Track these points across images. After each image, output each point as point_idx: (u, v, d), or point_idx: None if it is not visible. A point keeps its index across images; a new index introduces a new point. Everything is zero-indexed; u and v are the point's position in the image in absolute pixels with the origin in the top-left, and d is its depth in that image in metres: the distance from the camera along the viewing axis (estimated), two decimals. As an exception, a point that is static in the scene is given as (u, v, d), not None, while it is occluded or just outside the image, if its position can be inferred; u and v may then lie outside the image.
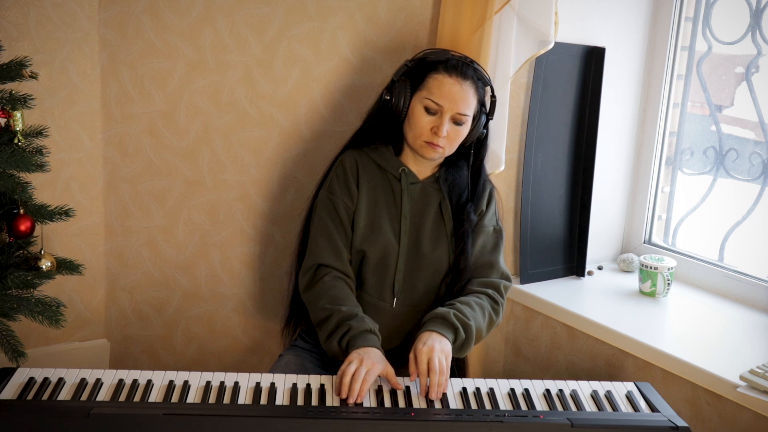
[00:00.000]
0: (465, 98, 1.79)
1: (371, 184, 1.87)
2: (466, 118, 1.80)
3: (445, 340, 1.65)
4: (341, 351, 1.69)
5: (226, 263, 2.29)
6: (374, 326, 1.70)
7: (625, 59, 2.46)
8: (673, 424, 1.50)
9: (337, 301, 1.74)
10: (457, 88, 1.78)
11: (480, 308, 1.77)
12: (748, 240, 2.35)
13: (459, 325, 1.69)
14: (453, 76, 1.78)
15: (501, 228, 1.93)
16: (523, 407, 1.57)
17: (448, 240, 1.85)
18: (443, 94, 1.77)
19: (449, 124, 1.78)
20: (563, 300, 2.29)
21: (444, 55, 1.83)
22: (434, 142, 1.79)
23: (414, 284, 1.84)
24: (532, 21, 2.11)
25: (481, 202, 1.90)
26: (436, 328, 1.67)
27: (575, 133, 2.41)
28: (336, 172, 1.89)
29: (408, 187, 1.85)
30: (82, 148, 2.09)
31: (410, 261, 1.84)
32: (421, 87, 1.81)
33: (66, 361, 2.17)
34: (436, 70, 1.80)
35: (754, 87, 2.28)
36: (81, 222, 2.13)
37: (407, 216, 1.84)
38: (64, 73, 2.01)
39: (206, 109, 2.15)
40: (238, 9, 2.09)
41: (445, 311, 1.70)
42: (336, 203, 1.85)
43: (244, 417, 1.46)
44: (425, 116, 1.79)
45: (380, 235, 1.83)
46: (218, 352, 2.37)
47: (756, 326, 2.14)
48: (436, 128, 1.78)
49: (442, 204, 1.87)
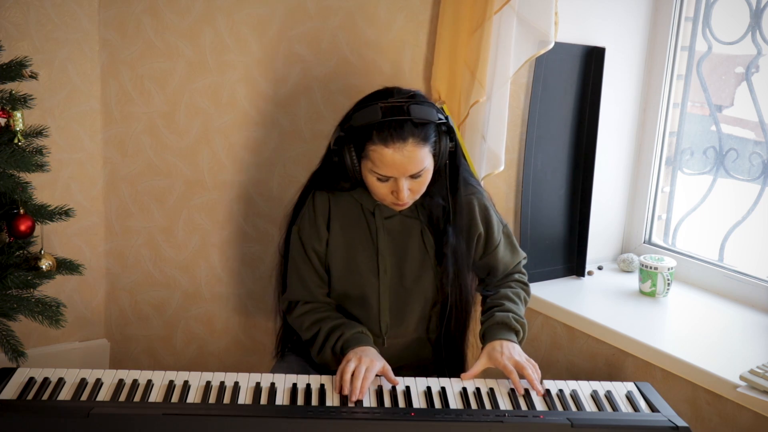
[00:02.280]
0: (412, 160, 1.60)
1: (345, 221, 1.77)
2: (422, 171, 1.64)
3: (514, 344, 1.72)
4: (335, 358, 1.69)
5: (226, 263, 2.29)
6: (364, 328, 1.72)
7: (625, 59, 2.46)
8: (673, 424, 1.50)
9: (321, 318, 1.76)
10: (399, 156, 1.58)
11: (518, 298, 1.85)
12: (748, 240, 2.34)
13: (518, 327, 1.76)
14: (390, 144, 1.58)
15: (506, 224, 1.91)
16: (523, 407, 1.57)
17: (433, 268, 1.78)
18: (386, 166, 1.60)
19: (407, 181, 1.64)
20: (563, 300, 2.29)
21: (374, 116, 1.60)
22: (398, 202, 1.67)
23: (403, 319, 1.80)
24: (532, 21, 2.11)
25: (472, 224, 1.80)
26: (503, 336, 1.73)
27: (575, 133, 2.41)
28: (307, 210, 1.79)
29: (383, 223, 1.76)
30: (82, 148, 2.09)
31: (395, 296, 1.79)
32: (364, 157, 1.63)
33: (66, 361, 2.17)
34: (372, 140, 1.59)
35: (754, 87, 2.28)
36: (81, 222, 2.13)
37: (385, 254, 1.76)
38: (64, 73, 2.01)
39: (206, 109, 2.15)
40: (238, 9, 2.09)
41: (504, 316, 1.76)
42: (304, 243, 1.78)
43: (244, 417, 1.46)
44: (380, 184, 1.65)
45: (358, 275, 1.77)
46: (218, 352, 2.37)
47: (756, 326, 2.14)
48: (395, 193, 1.65)
49: (424, 233, 1.78)
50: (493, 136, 2.19)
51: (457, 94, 2.21)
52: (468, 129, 2.21)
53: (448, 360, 1.85)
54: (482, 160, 2.21)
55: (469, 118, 2.19)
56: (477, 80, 2.12)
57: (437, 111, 1.66)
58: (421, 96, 1.68)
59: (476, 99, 2.14)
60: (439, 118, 1.64)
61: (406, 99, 1.63)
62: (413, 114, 1.60)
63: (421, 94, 1.68)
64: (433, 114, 1.63)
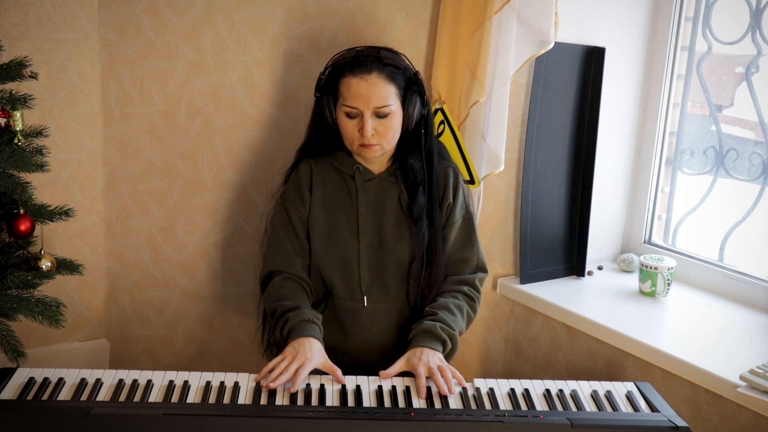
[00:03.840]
0: (375, 91, 1.75)
1: (327, 189, 1.87)
2: (387, 108, 1.77)
3: (435, 352, 1.71)
4: (283, 341, 1.72)
5: (226, 263, 2.29)
6: (314, 316, 1.74)
7: (625, 59, 2.46)
8: (673, 424, 1.50)
9: (282, 298, 1.79)
10: (364, 85, 1.74)
11: (459, 310, 1.83)
12: (748, 240, 2.34)
13: (446, 337, 1.75)
14: (357, 74, 1.75)
15: (471, 213, 1.93)
16: (523, 407, 1.57)
17: (410, 231, 1.85)
18: (353, 96, 1.76)
19: (372, 120, 1.76)
20: (563, 300, 2.29)
21: (348, 55, 1.80)
22: (365, 143, 1.78)
23: (382, 280, 1.85)
24: (532, 21, 2.11)
25: (446, 191, 1.88)
26: (426, 343, 1.72)
27: (575, 133, 2.41)
28: (291, 179, 1.90)
29: (363, 184, 1.85)
30: (82, 148, 2.09)
31: (375, 258, 1.85)
32: (338, 95, 1.80)
33: (66, 361, 2.17)
34: (343, 74, 1.77)
35: (754, 87, 2.28)
36: (81, 222, 2.13)
37: (364, 213, 1.84)
38: (64, 73, 2.01)
39: (206, 109, 2.15)
40: (238, 9, 2.09)
41: (431, 325, 1.75)
42: (289, 210, 1.87)
43: (244, 417, 1.46)
44: (349, 122, 1.79)
45: (339, 237, 1.85)
46: (218, 352, 2.37)
47: (756, 326, 2.14)
48: (361, 129, 1.77)
49: (401, 197, 1.86)
50: (493, 136, 2.18)
51: (458, 94, 2.21)
52: (468, 129, 2.21)
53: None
54: (482, 160, 2.21)
55: (469, 118, 2.19)
56: (477, 80, 2.12)
57: (409, 64, 1.83)
58: (393, 50, 1.84)
59: (476, 99, 2.14)
60: (406, 67, 1.81)
61: (379, 48, 1.81)
62: (382, 55, 1.78)
63: (393, 49, 1.85)
64: (401, 61, 1.81)
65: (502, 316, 2.47)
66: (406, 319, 1.87)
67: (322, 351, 1.68)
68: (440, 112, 2.23)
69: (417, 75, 1.82)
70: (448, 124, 2.23)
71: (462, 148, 2.21)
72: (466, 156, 2.21)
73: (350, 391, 1.60)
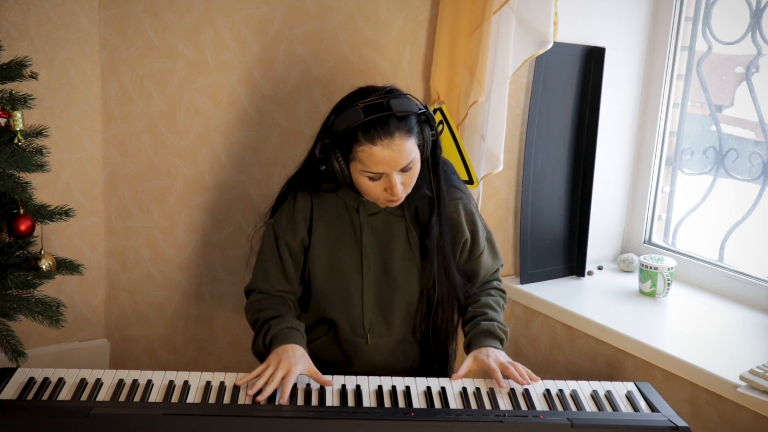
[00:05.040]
0: (401, 153, 1.60)
1: (329, 221, 1.77)
2: (412, 163, 1.64)
3: (499, 350, 1.74)
4: (266, 350, 1.69)
5: (226, 263, 2.29)
6: (296, 324, 1.71)
7: (625, 59, 2.46)
8: (673, 424, 1.50)
9: (263, 309, 1.76)
10: (388, 152, 1.59)
11: (499, 306, 1.86)
12: (748, 240, 2.34)
13: (503, 335, 1.78)
14: (378, 142, 1.58)
15: (489, 230, 1.89)
16: (523, 407, 1.57)
17: (419, 266, 1.77)
18: (377, 164, 1.60)
19: (399, 176, 1.63)
20: (563, 300, 2.29)
21: (356, 117, 1.59)
22: (392, 198, 1.66)
23: (386, 317, 1.80)
24: (531, 21, 2.11)
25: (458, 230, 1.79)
26: (488, 342, 1.75)
27: (575, 133, 2.41)
28: (287, 207, 1.79)
29: (368, 219, 1.75)
30: (82, 148, 2.09)
31: (380, 294, 1.78)
32: (353, 159, 1.63)
33: (66, 361, 2.17)
34: (358, 141, 1.59)
35: (754, 87, 2.28)
36: (81, 222, 2.13)
37: (369, 251, 1.75)
38: (64, 73, 2.01)
39: (206, 109, 2.15)
40: (238, 9, 2.09)
41: (489, 325, 1.77)
42: (277, 236, 1.79)
43: (244, 417, 1.46)
44: (372, 184, 1.64)
45: (341, 273, 1.77)
46: (218, 352, 2.37)
47: (756, 326, 2.14)
48: (389, 189, 1.64)
49: (409, 231, 1.76)
50: (492, 136, 2.19)
51: (457, 94, 2.21)
52: (467, 129, 2.21)
53: (435, 357, 1.84)
54: (481, 160, 2.21)
55: (468, 118, 2.19)
56: (476, 80, 2.13)
57: (415, 101, 1.67)
58: (398, 90, 1.67)
59: (475, 99, 2.14)
60: (418, 107, 1.65)
61: (384, 95, 1.63)
62: (395, 108, 1.60)
63: (396, 88, 1.68)
64: (413, 105, 1.64)
65: (502, 316, 2.47)
66: (411, 349, 1.85)
67: (306, 357, 1.64)
68: (439, 112, 2.23)
69: (427, 111, 1.66)
70: (447, 124, 2.23)
71: (461, 148, 2.21)
72: (465, 156, 2.21)
73: (350, 391, 1.60)
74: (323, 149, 1.65)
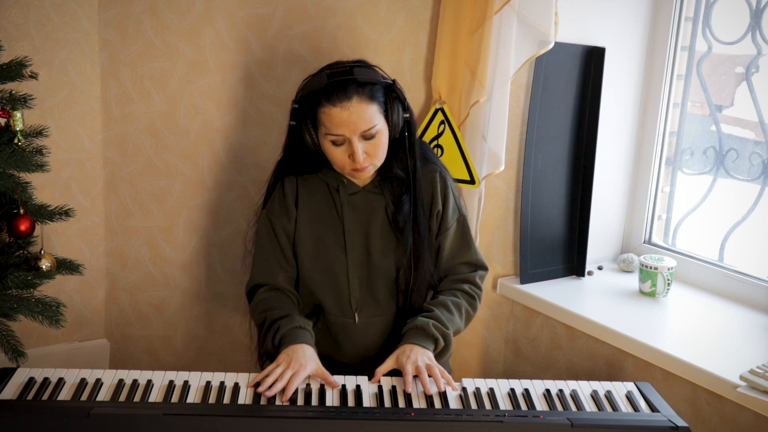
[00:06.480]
0: (360, 116, 1.68)
1: (313, 204, 1.83)
2: (374, 129, 1.71)
3: (426, 350, 1.69)
4: (275, 350, 1.70)
5: (226, 263, 2.29)
6: (305, 323, 1.72)
7: (625, 59, 2.46)
8: (673, 424, 1.50)
9: (270, 308, 1.77)
10: (346, 114, 1.67)
11: (457, 308, 1.81)
12: (748, 240, 2.34)
13: (438, 335, 1.73)
14: (336, 103, 1.67)
15: (464, 215, 1.89)
16: (523, 407, 1.57)
17: (396, 242, 1.81)
18: (337, 125, 1.68)
19: (361, 143, 1.70)
20: (563, 300, 2.29)
21: (320, 81, 1.70)
22: (357, 168, 1.73)
23: (373, 295, 1.83)
24: (532, 21, 2.11)
25: (433, 199, 1.83)
26: (417, 341, 1.71)
27: (575, 133, 2.41)
28: (276, 193, 1.86)
29: (347, 198, 1.81)
30: (82, 148, 2.09)
31: (364, 273, 1.82)
32: (318, 124, 1.73)
33: (66, 361, 2.17)
34: (321, 103, 1.69)
35: (754, 87, 2.28)
36: (81, 222, 2.13)
37: (351, 230, 1.80)
38: (64, 73, 2.01)
39: (206, 109, 2.15)
40: (238, 9, 2.09)
41: (423, 322, 1.73)
42: (274, 223, 1.83)
43: (244, 417, 1.46)
44: (336, 149, 1.72)
45: (327, 253, 1.81)
46: (218, 352, 2.37)
47: (756, 326, 2.14)
48: (351, 155, 1.71)
49: (388, 208, 1.82)
50: (493, 136, 2.19)
51: (458, 94, 2.21)
52: (468, 129, 2.22)
53: None
54: (483, 160, 2.21)
55: (469, 118, 2.19)
56: (477, 80, 2.13)
57: (383, 74, 1.76)
58: (366, 63, 1.77)
59: (477, 99, 2.14)
60: (383, 79, 1.74)
61: (350, 63, 1.75)
62: (356, 74, 1.70)
63: (365, 62, 1.78)
64: (377, 76, 1.73)
65: (502, 316, 2.47)
66: (399, 330, 1.84)
67: (315, 357, 1.66)
68: (440, 113, 2.23)
69: (395, 84, 1.75)
70: (448, 124, 2.23)
71: (462, 148, 2.21)
72: (467, 156, 2.21)
73: (350, 391, 1.60)
74: (293, 115, 1.76)
